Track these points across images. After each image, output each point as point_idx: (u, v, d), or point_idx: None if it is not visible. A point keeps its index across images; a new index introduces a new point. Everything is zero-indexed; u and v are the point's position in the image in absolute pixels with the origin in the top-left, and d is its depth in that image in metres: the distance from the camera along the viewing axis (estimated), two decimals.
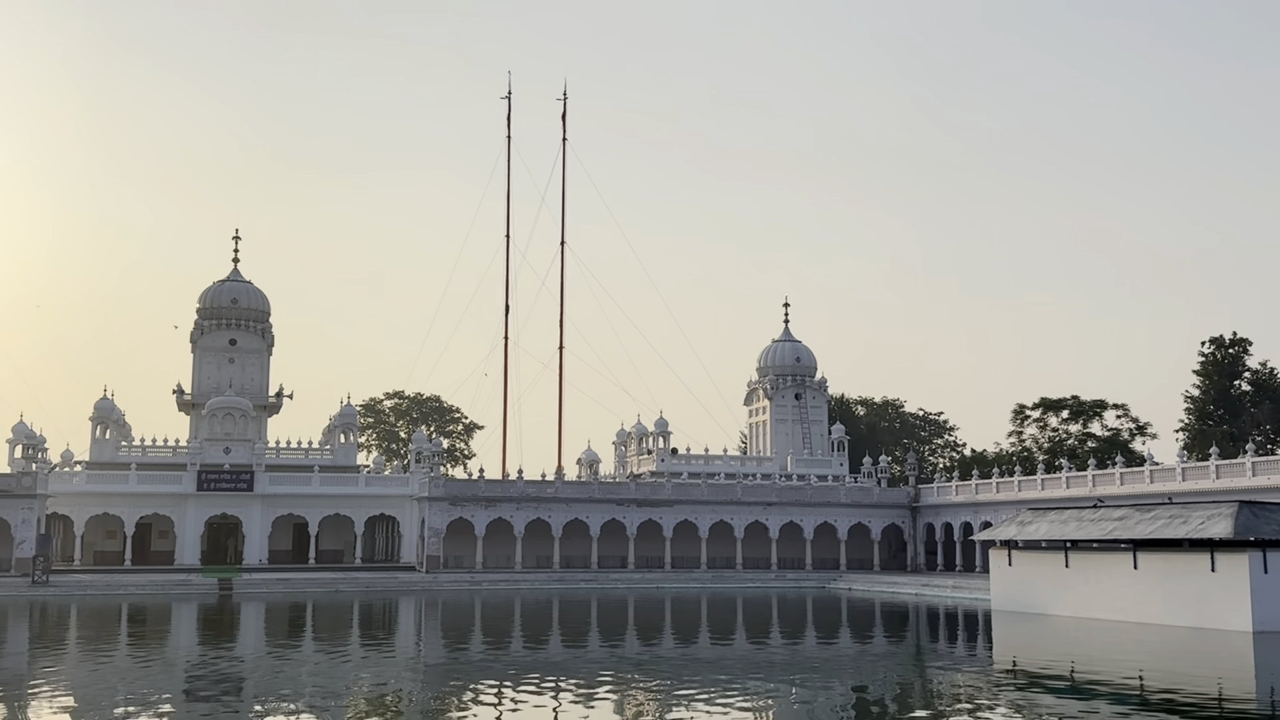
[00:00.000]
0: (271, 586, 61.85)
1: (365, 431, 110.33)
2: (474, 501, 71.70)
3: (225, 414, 76.00)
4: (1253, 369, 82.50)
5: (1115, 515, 45.29)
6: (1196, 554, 40.00)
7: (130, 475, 71.82)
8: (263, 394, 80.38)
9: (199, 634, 39.87)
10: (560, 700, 23.26)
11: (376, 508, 75.99)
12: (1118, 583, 42.79)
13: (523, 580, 67.28)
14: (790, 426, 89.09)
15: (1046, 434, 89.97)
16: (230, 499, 72.79)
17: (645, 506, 74.54)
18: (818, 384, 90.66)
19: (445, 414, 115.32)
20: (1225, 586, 38.60)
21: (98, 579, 62.15)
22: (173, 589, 60.34)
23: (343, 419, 79.85)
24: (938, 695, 24.71)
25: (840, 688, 25.46)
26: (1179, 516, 41.86)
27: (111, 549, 72.22)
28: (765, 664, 29.98)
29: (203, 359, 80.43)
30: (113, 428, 76.09)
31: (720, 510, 75.72)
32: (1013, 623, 42.39)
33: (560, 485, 74.48)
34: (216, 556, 73.93)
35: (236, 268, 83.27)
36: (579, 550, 73.29)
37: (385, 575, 68.07)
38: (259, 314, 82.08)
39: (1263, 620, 37.25)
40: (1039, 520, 48.89)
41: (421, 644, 36.43)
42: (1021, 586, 47.41)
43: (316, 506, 74.17)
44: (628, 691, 24.61)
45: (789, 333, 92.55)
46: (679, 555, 74.55)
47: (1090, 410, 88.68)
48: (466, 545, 71.54)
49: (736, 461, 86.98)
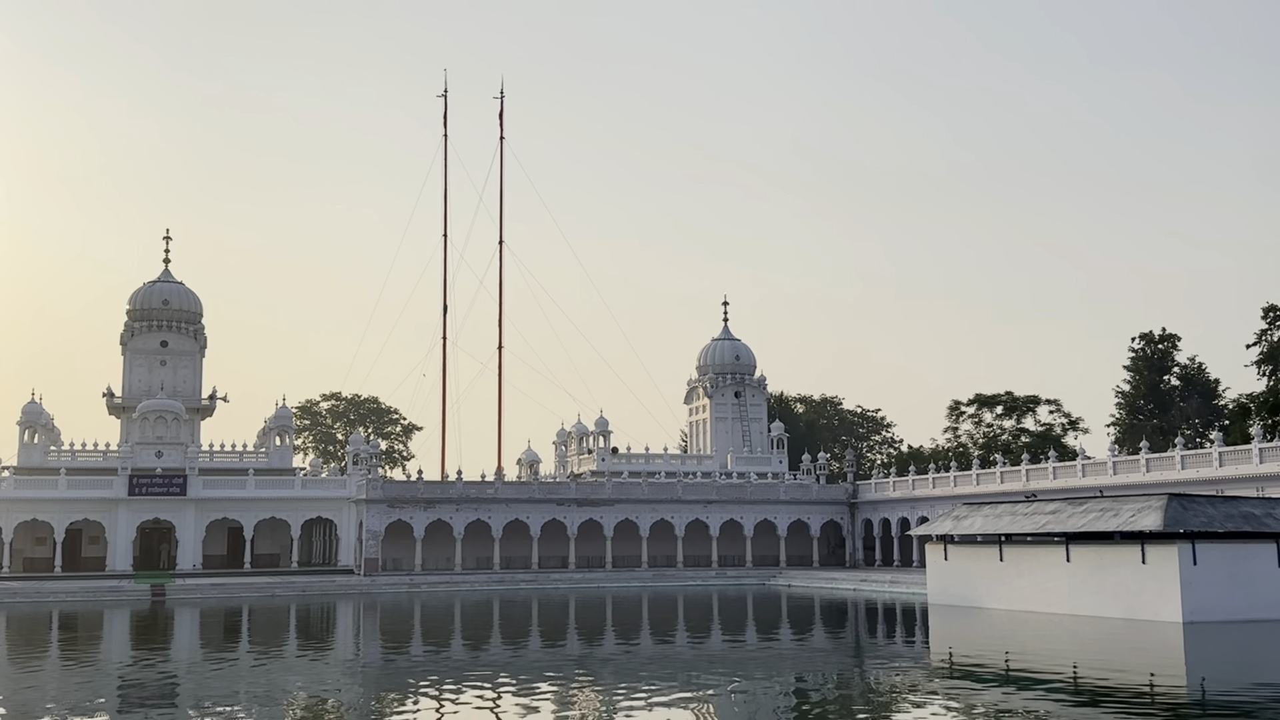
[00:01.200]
0: (206, 592, 60.94)
1: (302, 434, 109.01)
2: (412, 503, 71.18)
3: (157, 417, 74.75)
4: (1181, 364, 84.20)
5: (1048, 509, 45.99)
6: (1127, 546, 40.73)
7: (60, 480, 70.39)
8: (196, 396, 79.17)
9: (131, 641, 39.18)
10: (501, 701, 23.14)
11: (313, 511, 75.12)
12: (1051, 576, 43.45)
13: (462, 582, 66.91)
14: (730, 425, 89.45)
15: (981, 430, 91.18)
16: (163, 504, 71.59)
17: (586, 506, 74.48)
18: (757, 382, 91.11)
19: (383, 415, 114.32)
20: (1156, 578, 39.34)
21: (27, 586, 60.86)
22: (104, 596, 59.25)
23: (278, 421, 78.87)
24: (876, 689, 24.93)
25: (780, 682, 25.59)
26: (1110, 510, 42.59)
27: (41, 556, 70.71)
28: (706, 661, 30.07)
29: (133, 361, 79.02)
30: (41, 432, 74.51)
31: (661, 509, 75.86)
32: (949, 616, 42.89)
33: (500, 486, 74.18)
34: (149, 562, 72.68)
35: (168, 269, 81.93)
36: (519, 551, 73.05)
37: (322, 579, 67.37)
38: (191, 315, 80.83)
39: (1192, 611, 37.99)
40: (974, 515, 49.52)
41: (360, 647, 36.08)
42: (957, 581, 48.00)
43: (251, 510, 73.17)
44: (569, 691, 24.54)
45: (728, 331, 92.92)
46: (620, 554, 74.60)
47: (1024, 406, 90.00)
48: (405, 547, 71.01)
49: (677, 460, 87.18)
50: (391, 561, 70.64)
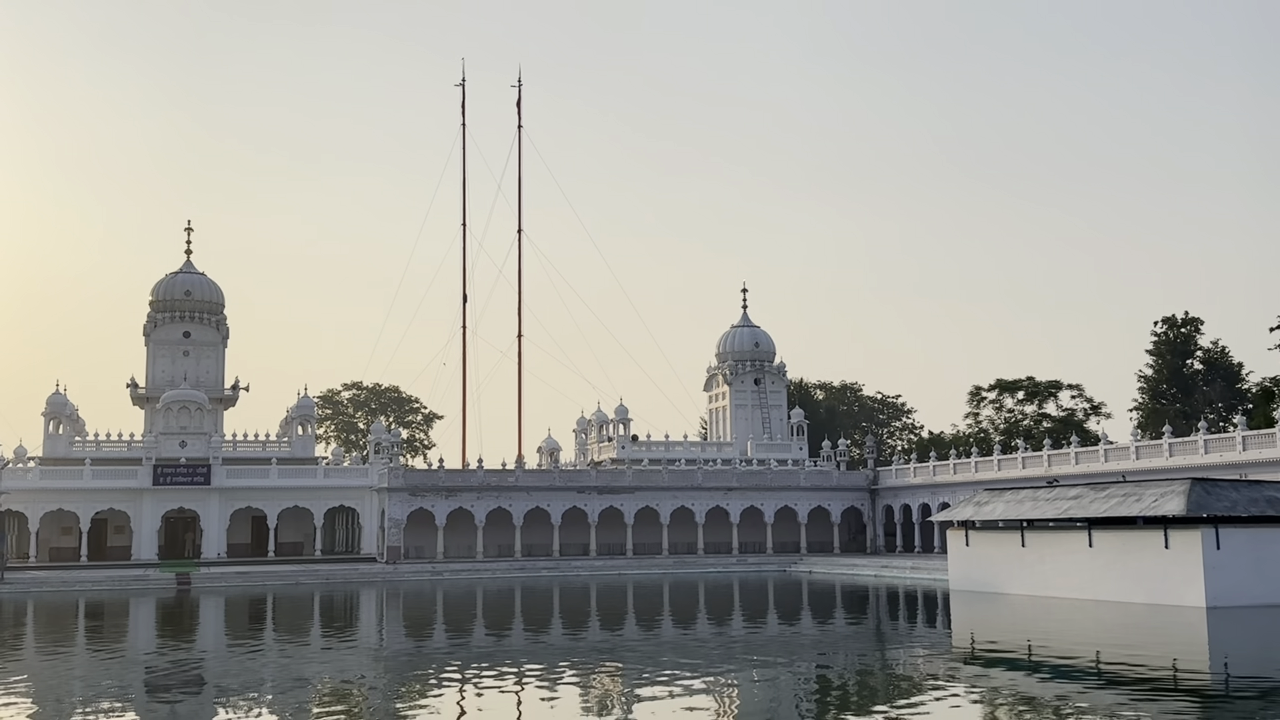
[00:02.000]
0: (230, 580, 61.39)
1: (323, 423, 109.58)
2: (434, 492, 71.48)
3: (180, 407, 75.23)
4: (1204, 348, 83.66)
5: (1070, 494, 45.86)
6: (1150, 532, 40.58)
7: (85, 470, 70.97)
8: (218, 387, 79.63)
9: (158, 629, 39.52)
10: (524, 687, 23.28)
11: (336, 499, 75.53)
12: (1073, 561, 43.34)
13: (484, 569, 67.19)
14: (750, 411, 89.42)
15: (1003, 415, 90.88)
16: (187, 493, 72.11)
17: (606, 494, 74.64)
18: (776, 369, 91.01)
19: (404, 404, 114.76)
20: (1179, 563, 39.20)
21: (53, 575, 61.41)
22: (130, 584, 59.73)
23: (300, 411, 79.26)
24: (897, 674, 24.96)
25: (802, 668, 25.64)
26: (1133, 495, 42.44)
27: (67, 545, 71.36)
28: (728, 647, 30.15)
29: (156, 352, 79.51)
30: (66, 423, 75.12)
31: (681, 496, 75.97)
32: (970, 602, 42.84)
33: (521, 474, 74.40)
34: (174, 551, 73.24)
35: (189, 260, 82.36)
36: (540, 539, 73.31)
37: (346, 567, 67.75)
38: (213, 306, 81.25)
39: (1215, 596, 37.86)
40: (995, 500, 49.42)
41: (383, 635, 36.32)
42: (979, 566, 47.93)
43: (275, 499, 73.64)
44: (591, 677, 24.66)
45: (747, 318, 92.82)
46: (641, 542, 74.75)
47: (1045, 391, 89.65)
48: (427, 535, 71.37)
49: (697, 447, 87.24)
50: (414, 549, 70.99)
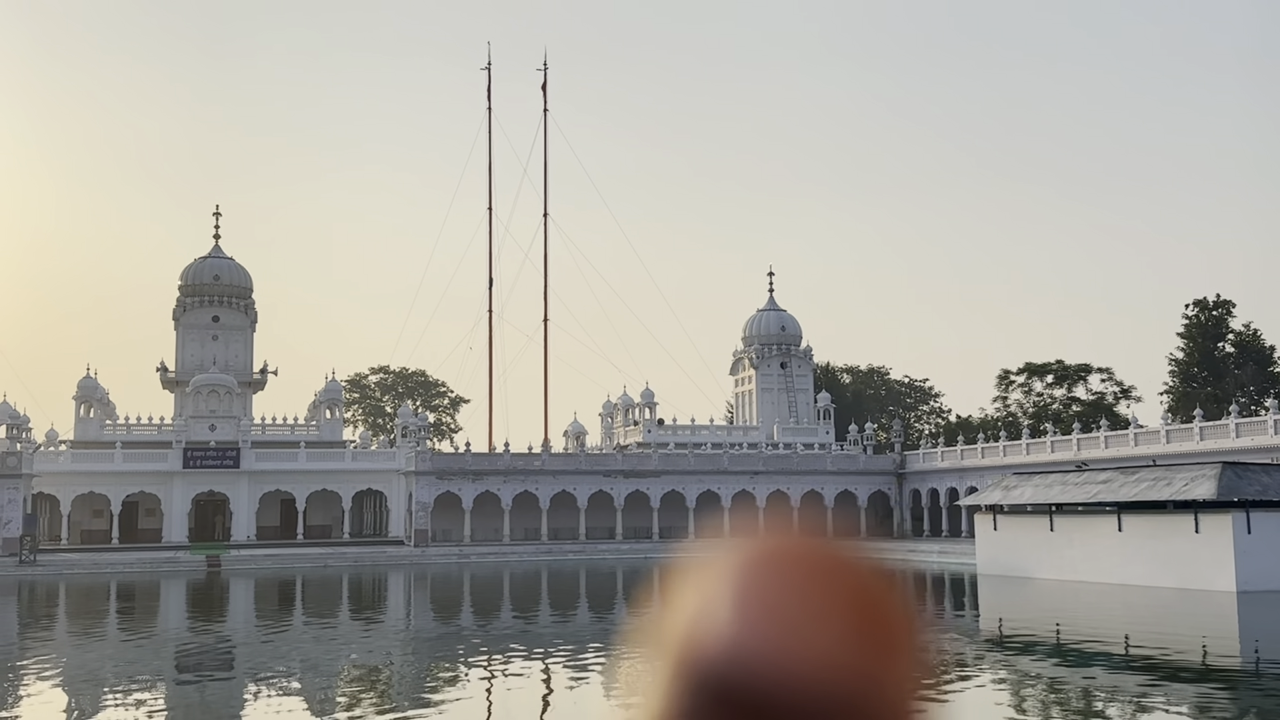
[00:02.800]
0: (260, 562, 61.84)
1: (351, 407, 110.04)
2: (461, 475, 71.73)
3: (210, 391, 75.72)
4: (1236, 331, 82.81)
5: (1100, 478, 45.56)
6: (1180, 515, 40.30)
7: (115, 454, 71.57)
8: (247, 370, 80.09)
9: (188, 611, 39.89)
10: (550, 669, 23.36)
11: (363, 483, 75.94)
12: (1102, 545, 43.09)
13: (511, 553, 67.41)
14: (776, 395, 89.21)
15: (1031, 399, 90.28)
16: (217, 476, 72.63)
17: (632, 478, 74.70)
18: (803, 353, 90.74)
19: (431, 388, 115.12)
20: (1209, 547, 38.91)
21: (85, 558, 62.04)
22: (160, 566, 60.28)
23: (328, 395, 79.64)
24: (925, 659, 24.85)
25: None
26: (1163, 479, 42.13)
27: (98, 528, 72.05)
28: None
29: (186, 336, 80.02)
30: (96, 406, 75.76)
31: (707, 480, 75.95)
32: (998, 586, 42.70)
33: (547, 458, 74.54)
34: (204, 533, 73.81)
35: (218, 244, 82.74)
36: (567, 522, 73.48)
37: (373, 550, 68.12)
38: (241, 290, 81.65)
39: (1246, 580, 37.56)
40: (1024, 484, 49.18)
41: (411, 617, 36.52)
42: (1006, 550, 47.72)
43: (303, 482, 74.08)
44: (618, 660, 24.71)
45: (774, 302, 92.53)
46: (666, 525, 74.80)
47: (1075, 374, 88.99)
48: (454, 519, 71.66)
49: (723, 431, 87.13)
50: (441, 532, 71.31)
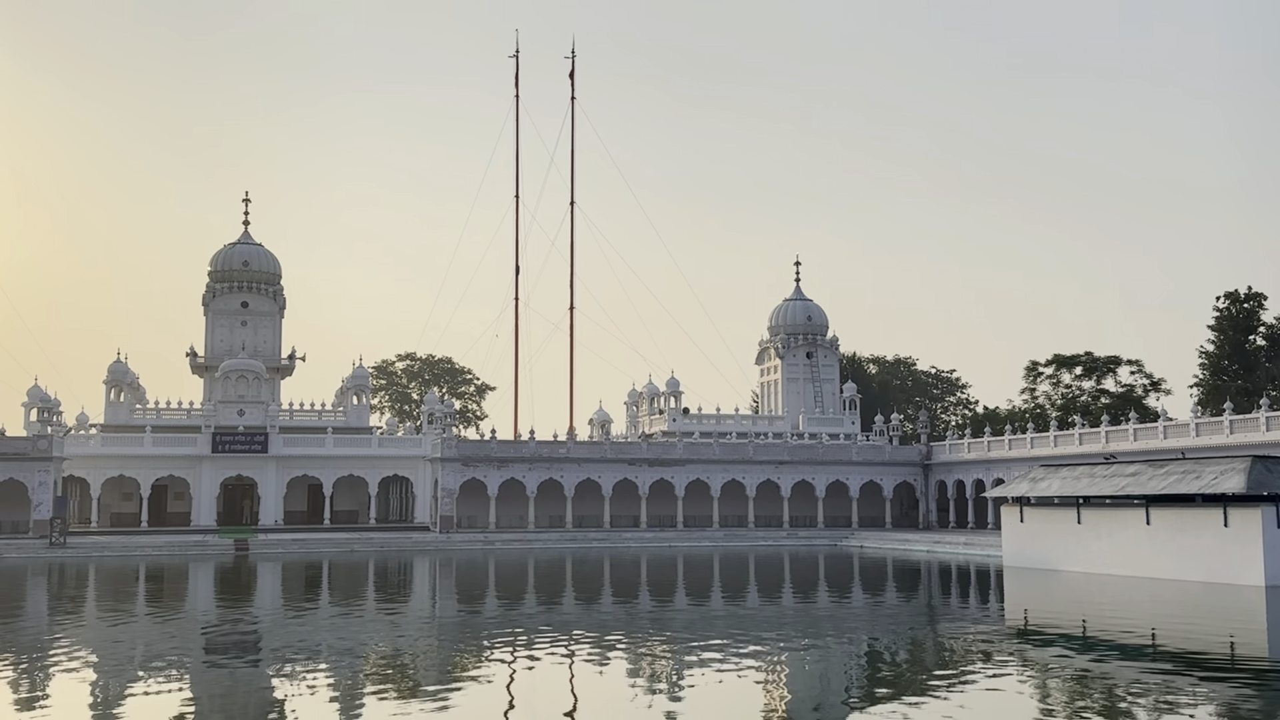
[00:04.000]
0: (287, 547, 62.29)
1: (378, 393, 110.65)
2: (486, 462, 71.98)
3: (238, 376, 76.24)
4: (1268, 324, 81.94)
5: (1128, 471, 45.25)
6: (1209, 509, 40.00)
7: (145, 438, 72.20)
8: (275, 356, 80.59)
9: (216, 594, 40.23)
10: (574, 656, 23.43)
11: (390, 469, 76.38)
12: (1130, 538, 42.83)
13: (536, 540, 67.62)
14: (802, 385, 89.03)
15: (1060, 390, 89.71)
16: (245, 460, 73.17)
17: (657, 466, 74.75)
18: (829, 343, 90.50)
19: (457, 375, 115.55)
20: (1238, 542, 38.62)
21: (114, 540, 62.64)
22: (189, 550, 60.79)
23: (355, 381, 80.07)
24: (950, 651, 24.82)
25: (853, 643, 25.59)
26: (1192, 472, 41.81)
27: (128, 511, 72.76)
28: (778, 620, 30.15)
29: (215, 322, 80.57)
30: (127, 390, 76.45)
31: (732, 469, 75.91)
32: (1024, 579, 42.50)
33: (572, 445, 74.70)
34: (232, 518, 74.45)
35: (247, 230, 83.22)
36: (591, 510, 73.64)
37: (399, 535, 68.50)
38: (270, 276, 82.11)
39: (1275, 575, 37.30)
40: (1051, 477, 48.89)
41: (436, 603, 36.70)
42: (1033, 543, 47.51)
43: (330, 468, 74.56)
44: (641, 648, 24.76)
45: (800, 291, 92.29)
46: (691, 514, 74.83)
47: (1104, 366, 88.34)
48: (479, 505, 71.94)
49: (748, 421, 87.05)
50: (466, 519, 71.60)
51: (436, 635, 27.47)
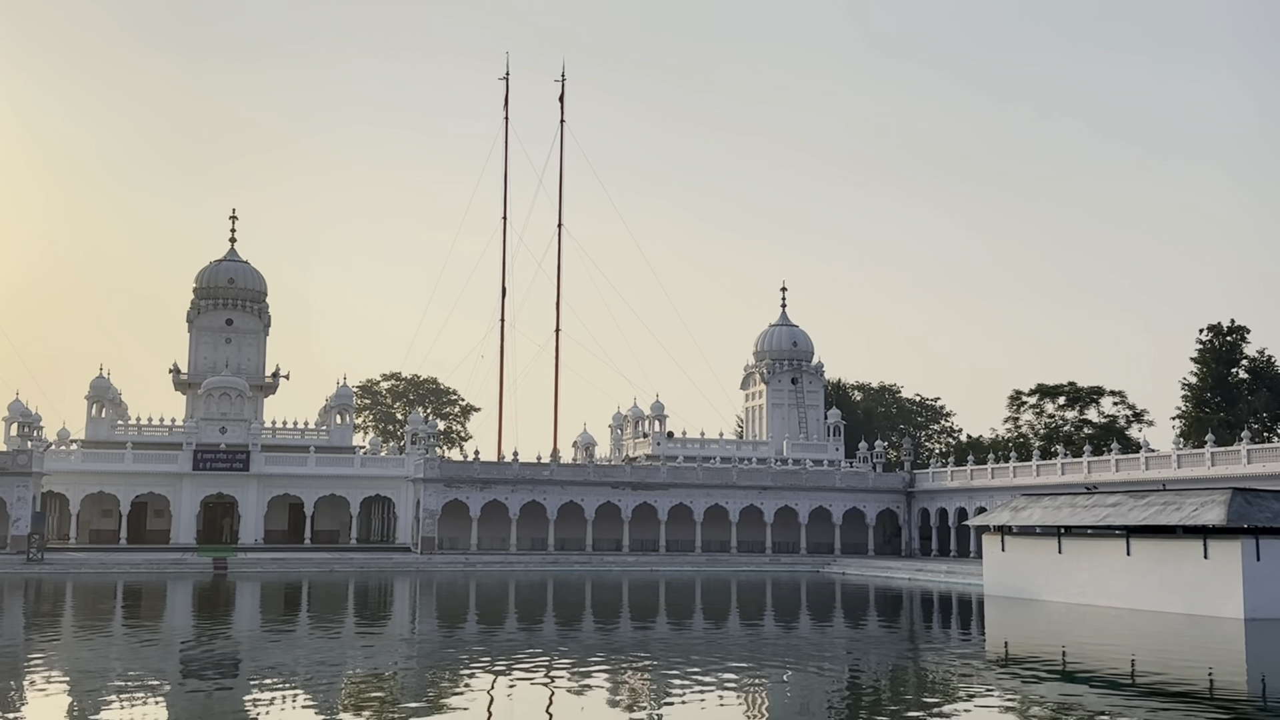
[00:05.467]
0: (266, 566, 61.93)
1: (362, 413, 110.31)
2: (469, 483, 71.76)
3: (221, 394, 75.95)
4: (1250, 357, 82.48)
5: (1109, 501, 45.36)
6: (1190, 541, 40.09)
7: (126, 454, 71.79)
8: (259, 374, 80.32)
9: (194, 613, 39.94)
10: (553, 680, 23.31)
11: (372, 489, 76.09)
12: (1111, 569, 42.89)
13: (517, 562, 67.38)
14: (786, 411, 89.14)
15: (1043, 420, 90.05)
16: (226, 478, 72.80)
17: (640, 490, 74.62)
18: (814, 369, 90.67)
19: (442, 396, 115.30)
20: (1218, 574, 38.70)
21: (92, 557, 62.19)
22: (167, 568, 60.39)
23: (339, 400, 79.84)
24: (930, 680, 24.78)
25: (834, 671, 25.52)
26: (1173, 503, 41.92)
27: (107, 527, 72.25)
28: (759, 647, 30.05)
29: (199, 339, 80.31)
30: (109, 406, 76.06)
31: (715, 494, 75.82)
32: (1005, 608, 42.49)
33: (556, 468, 74.55)
34: (212, 536, 73.99)
35: (233, 248, 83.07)
36: (574, 533, 73.42)
37: (380, 556, 68.20)
38: (256, 294, 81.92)
39: (1255, 608, 37.36)
40: (1033, 506, 48.98)
41: (416, 624, 36.51)
42: (1015, 572, 47.53)
43: (312, 487, 74.23)
44: (621, 672, 24.66)
45: (786, 317, 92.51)
46: (674, 538, 74.68)
47: (1087, 397, 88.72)
48: (461, 527, 71.67)
49: (732, 445, 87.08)
50: (448, 540, 71.32)
51: (415, 657, 27.30)
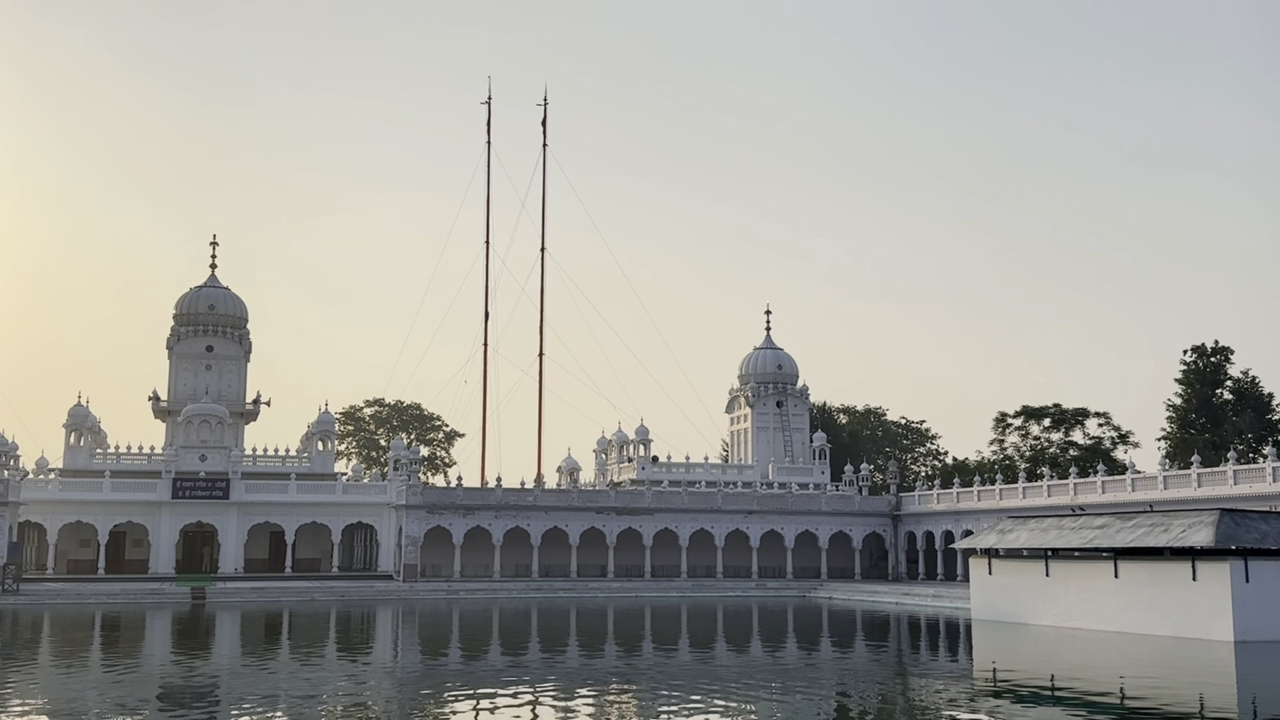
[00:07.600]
0: (246, 595, 61.19)
1: (345, 439, 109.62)
2: (452, 510, 71.21)
3: (201, 421, 75.30)
4: (1235, 378, 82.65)
5: (1096, 523, 45.18)
6: (1178, 563, 39.91)
7: (104, 483, 71.00)
8: (240, 401, 79.66)
9: (172, 643, 39.34)
10: (538, 710, 22.91)
11: (354, 516, 75.38)
12: (1099, 592, 42.66)
13: (501, 589, 66.80)
14: (772, 434, 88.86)
15: (1028, 442, 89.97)
16: (206, 507, 72.05)
17: (625, 515, 74.18)
18: (799, 392, 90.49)
19: (425, 421, 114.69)
20: (1206, 595, 38.50)
21: (69, 587, 61.37)
22: (145, 598, 59.64)
23: (320, 426, 79.22)
24: (918, 705, 24.46)
25: (821, 697, 25.18)
26: (1160, 525, 41.77)
27: (85, 557, 71.36)
28: (746, 673, 29.68)
29: (179, 365, 79.63)
30: (87, 435, 75.26)
31: (701, 519, 75.42)
32: (993, 632, 42.21)
33: (539, 493, 74.06)
34: (192, 565, 73.15)
35: (214, 274, 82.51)
36: (558, 559, 72.87)
37: (362, 584, 67.52)
38: (236, 320, 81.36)
39: (1244, 630, 37.15)
40: (1019, 529, 48.77)
41: (398, 653, 36.01)
42: (1002, 595, 47.26)
43: (293, 514, 73.49)
44: (607, 701, 24.26)
45: (771, 340, 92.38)
46: (659, 564, 74.19)
47: (1072, 419, 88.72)
48: (444, 554, 71.07)
49: (718, 469, 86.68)
50: (431, 568, 70.68)
51: (398, 687, 26.84)
